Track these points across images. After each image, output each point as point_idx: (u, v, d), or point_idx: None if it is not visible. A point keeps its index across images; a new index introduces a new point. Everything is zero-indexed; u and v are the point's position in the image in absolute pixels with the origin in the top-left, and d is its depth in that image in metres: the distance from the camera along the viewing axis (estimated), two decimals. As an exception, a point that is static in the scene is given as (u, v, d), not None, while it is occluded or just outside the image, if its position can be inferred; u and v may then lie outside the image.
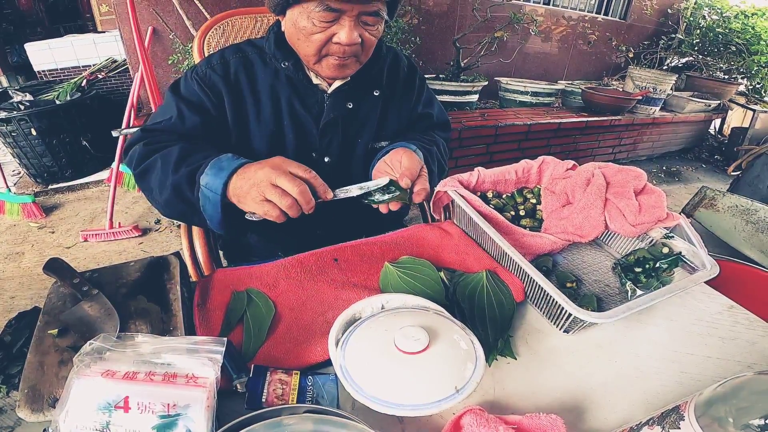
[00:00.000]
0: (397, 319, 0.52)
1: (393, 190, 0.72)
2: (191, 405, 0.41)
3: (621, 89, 3.57)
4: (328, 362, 0.55)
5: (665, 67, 4.49)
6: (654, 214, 0.76)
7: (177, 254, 0.68)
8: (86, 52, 3.40)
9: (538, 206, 0.86)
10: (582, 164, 0.87)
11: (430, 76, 3.08)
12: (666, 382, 0.58)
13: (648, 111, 3.42)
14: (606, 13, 4.26)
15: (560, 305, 0.59)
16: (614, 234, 0.83)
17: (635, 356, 0.62)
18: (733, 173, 2.63)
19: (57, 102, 2.74)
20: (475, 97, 3.06)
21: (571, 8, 4.02)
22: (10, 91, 2.82)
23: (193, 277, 0.87)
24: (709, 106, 3.87)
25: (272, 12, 0.77)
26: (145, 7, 2.51)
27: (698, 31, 4.19)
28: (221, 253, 1.04)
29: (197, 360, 0.44)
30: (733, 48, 4.04)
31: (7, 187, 2.44)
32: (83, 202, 2.70)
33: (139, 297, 0.58)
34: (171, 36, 2.61)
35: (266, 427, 0.40)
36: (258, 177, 0.62)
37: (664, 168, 3.82)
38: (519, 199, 0.88)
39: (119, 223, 2.28)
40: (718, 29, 4.08)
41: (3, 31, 4.41)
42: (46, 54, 3.36)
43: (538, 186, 0.90)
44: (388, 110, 0.93)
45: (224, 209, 0.67)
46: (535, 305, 0.69)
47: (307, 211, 0.63)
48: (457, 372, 0.46)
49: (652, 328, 0.67)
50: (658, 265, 0.72)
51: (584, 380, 0.58)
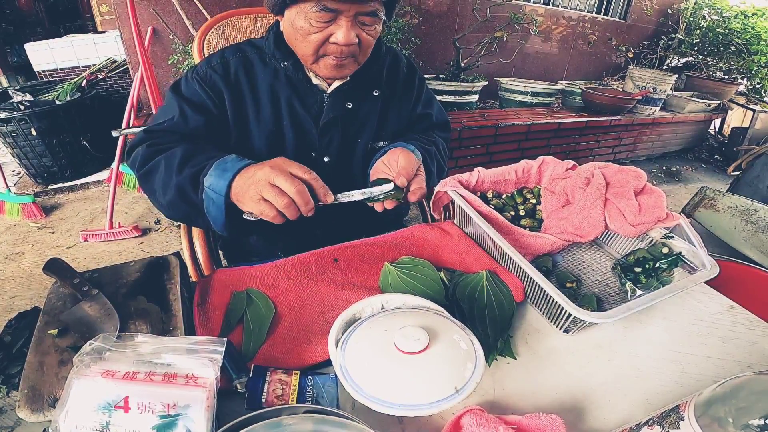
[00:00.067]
0: (397, 319, 0.52)
1: (393, 190, 0.72)
2: (191, 405, 0.41)
3: (621, 89, 3.57)
4: (328, 362, 0.55)
5: (665, 67, 4.49)
6: (654, 214, 0.76)
7: (177, 254, 0.68)
8: (86, 52, 3.40)
9: (537, 206, 0.86)
10: (582, 164, 0.87)
11: (430, 76, 3.08)
12: (666, 382, 0.58)
13: (648, 111, 3.42)
14: (606, 13, 4.26)
15: (560, 305, 0.59)
16: (614, 234, 0.83)
17: (635, 356, 0.62)
18: (733, 173, 2.62)
19: (57, 102, 2.74)
20: (475, 97, 3.06)
21: (571, 8, 4.02)
22: (10, 92, 2.82)
23: (193, 277, 0.87)
24: (709, 106, 3.87)
25: (270, 12, 0.77)
26: (145, 7, 2.51)
27: (698, 31, 4.19)
28: (221, 253, 1.04)
29: (197, 360, 0.44)
30: (733, 48, 4.04)
31: (7, 187, 2.44)
32: (83, 202, 2.70)
33: (139, 297, 0.58)
34: (171, 36, 2.61)
35: (266, 427, 0.40)
36: (257, 176, 0.62)
37: (664, 168, 3.83)
38: (519, 199, 0.88)
39: (119, 224, 2.29)
40: (718, 29, 4.09)
41: (3, 31, 4.41)
42: (46, 54, 3.36)
43: (538, 186, 0.90)
44: (388, 110, 0.93)
45: (228, 211, 0.67)
46: (535, 305, 0.69)
47: (306, 213, 0.62)
48: (457, 372, 0.46)
49: (652, 328, 0.67)
50: (657, 265, 0.72)
51: (584, 380, 0.58)
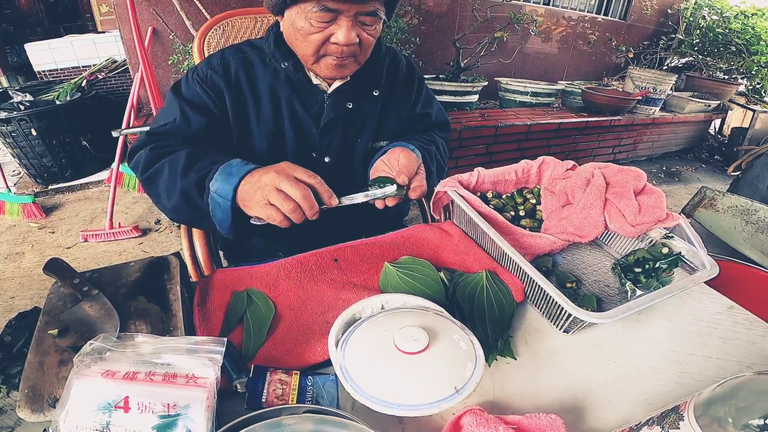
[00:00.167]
0: (397, 319, 0.52)
1: (395, 191, 0.72)
2: (191, 405, 0.41)
3: (621, 89, 3.57)
4: (328, 362, 0.55)
5: (665, 67, 4.49)
6: (654, 214, 0.76)
7: (177, 254, 0.68)
8: (86, 52, 3.40)
9: (537, 206, 0.86)
10: (582, 164, 0.87)
11: (430, 76, 3.08)
12: (665, 382, 0.58)
13: (648, 111, 3.42)
14: (606, 14, 4.26)
15: (560, 305, 0.59)
16: (614, 234, 0.83)
17: (635, 356, 0.62)
18: (733, 173, 2.62)
19: (57, 102, 2.74)
20: (475, 98, 3.06)
21: (571, 8, 4.02)
22: (10, 92, 2.82)
23: (193, 278, 0.87)
24: (709, 106, 3.87)
25: (270, 12, 0.77)
26: (145, 7, 2.51)
27: (698, 31, 4.19)
28: (221, 253, 1.04)
29: (197, 360, 0.44)
30: (733, 48, 4.04)
31: (7, 187, 2.44)
32: (83, 202, 2.70)
33: (139, 297, 0.58)
34: (171, 36, 2.61)
35: (266, 427, 0.41)
36: (263, 181, 0.63)
37: (664, 168, 3.83)
38: (519, 200, 0.88)
39: (119, 224, 2.28)
40: (718, 29, 4.09)
41: (3, 32, 4.41)
42: (46, 54, 3.36)
43: (538, 186, 0.90)
44: (388, 110, 0.93)
45: (234, 214, 0.67)
46: (535, 305, 0.69)
47: (311, 216, 0.63)
48: (457, 372, 0.46)
49: (652, 328, 0.67)
50: (657, 265, 0.72)
51: (584, 380, 0.58)
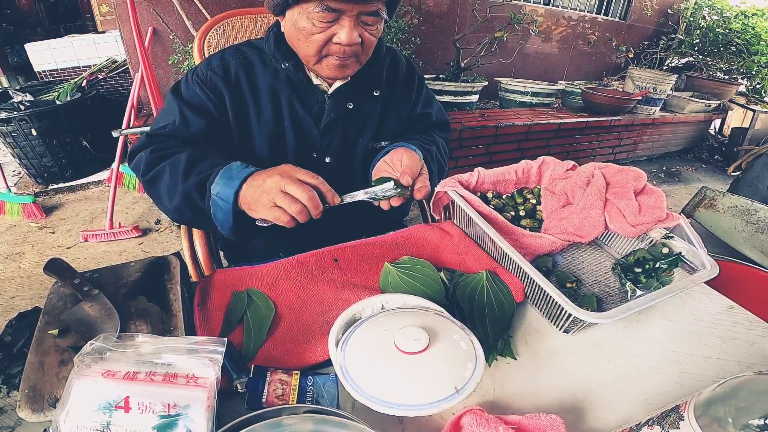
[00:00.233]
0: (397, 319, 0.52)
1: (394, 188, 0.73)
2: (191, 405, 0.41)
3: (621, 89, 3.57)
4: (328, 362, 0.55)
5: (665, 67, 4.49)
6: (654, 214, 0.76)
7: (177, 254, 0.68)
8: (86, 52, 3.40)
9: (538, 206, 0.86)
10: (582, 164, 0.87)
11: (430, 76, 3.08)
12: (665, 382, 0.58)
13: (648, 111, 3.42)
14: (606, 14, 4.26)
15: (560, 305, 0.59)
16: (614, 234, 0.83)
17: (635, 356, 0.62)
18: (733, 173, 2.63)
19: (57, 102, 2.74)
20: (475, 98, 3.06)
21: (571, 8, 4.02)
22: (10, 92, 2.82)
23: (194, 278, 0.87)
24: (709, 106, 3.87)
25: (272, 13, 0.77)
26: (145, 8, 2.51)
27: (698, 31, 4.19)
28: (222, 253, 1.04)
29: (197, 360, 0.44)
30: (733, 48, 4.04)
31: (8, 187, 2.44)
32: (83, 202, 2.70)
33: (139, 297, 0.58)
34: (171, 36, 2.61)
35: (266, 427, 0.41)
36: (267, 185, 0.64)
37: (664, 168, 3.82)
38: (519, 200, 0.88)
39: (119, 224, 2.29)
40: (718, 29, 4.09)
41: (3, 32, 4.41)
42: (46, 54, 3.36)
43: (538, 186, 0.90)
44: (388, 110, 0.93)
45: (235, 216, 0.68)
46: (535, 305, 0.69)
47: (316, 216, 0.65)
48: (457, 372, 0.46)
49: (652, 328, 0.67)
50: (658, 265, 0.72)
51: (584, 380, 0.58)
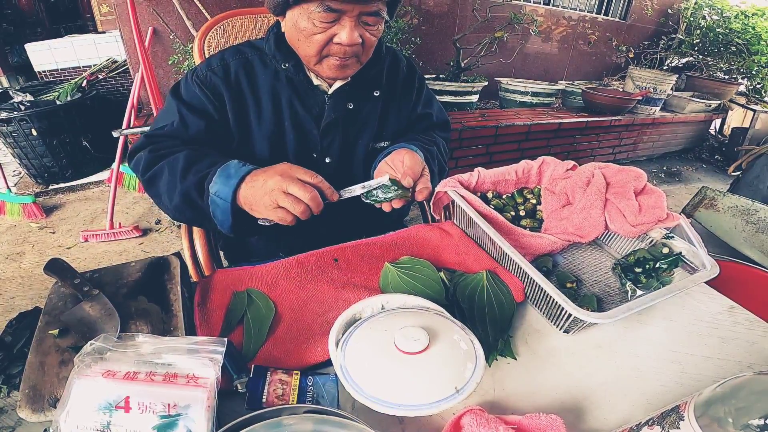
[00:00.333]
0: (397, 319, 0.52)
1: (395, 188, 0.73)
2: (192, 405, 0.41)
3: (621, 89, 3.57)
4: (329, 362, 0.55)
5: (665, 67, 4.49)
6: (654, 214, 0.76)
7: (177, 254, 0.68)
8: (86, 52, 3.40)
9: (538, 206, 0.86)
10: (582, 164, 0.87)
11: (430, 76, 3.08)
12: (666, 382, 0.58)
13: (648, 111, 3.42)
14: (606, 14, 4.26)
15: (560, 305, 0.59)
16: (614, 234, 0.83)
17: (635, 356, 0.62)
18: (733, 173, 2.62)
19: (57, 102, 2.74)
20: (475, 98, 3.06)
21: (571, 8, 4.01)
22: (10, 92, 2.82)
23: (194, 278, 0.87)
24: (710, 106, 3.87)
25: (272, 13, 0.77)
26: (145, 8, 2.51)
27: (698, 31, 4.19)
28: (222, 253, 1.04)
29: (198, 360, 0.44)
30: (734, 48, 4.04)
31: (8, 187, 2.44)
32: (84, 202, 2.70)
33: (139, 297, 0.58)
34: (171, 36, 2.61)
35: (266, 427, 0.41)
36: (269, 186, 0.64)
37: (665, 168, 3.82)
38: (519, 200, 0.88)
39: (119, 224, 2.28)
40: (718, 29, 4.08)
41: (3, 32, 4.41)
42: (46, 54, 3.36)
43: (538, 186, 0.90)
44: (389, 110, 0.93)
45: (234, 214, 0.69)
46: (535, 305, 0.69)
47: (317, 213, 0.66)
48: (457, 372, 0.46)
49: (652, 328, 0.67)
50: (658, 265, 0.72)
51: (584, 380, 0.58)
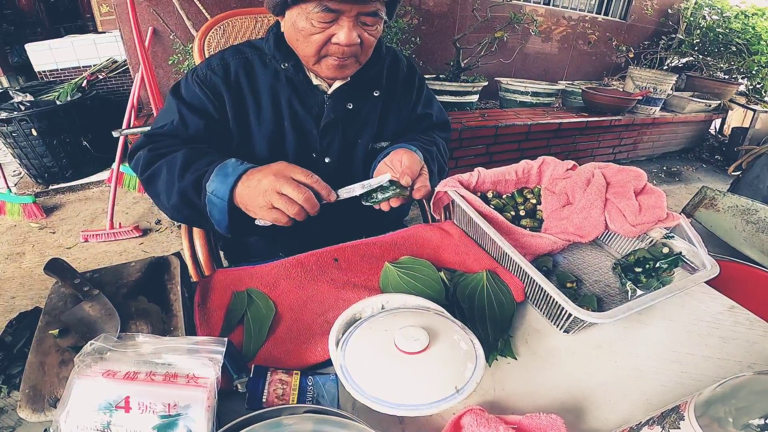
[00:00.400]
0: (397, 319, 0.52)
1: (393, 188, 0.73)
2: (192, 405, 0.41)
3: (621, 89, 3.57)
4: (329, 362, 0.55)
5: (665, 67, 4.49)
6: (654, 214, 0.76)
7: (178, 254, 0.68)
8: (87, 52, 3.40)
9: (538, 206, 0.86)
10: (582, 164, 0.87)
11: (430, 76, 3.08)
12: (666, 382, 0.58)
13: (648, 111, 3.41)
14: (606, 13, 4.26)
15: (560, 305, 0.59)
16: (614, 234, 0.83)
17: (635, 356, 0.62)
18: (733, 173, 2.62)
19: (57, 102, 2.74)
20: (475, 98, 3.06)
21: (571, 8, 4.02)
22: (10, 92, 2.82)
23: (194, 278, 0.87)
24: (710, 106, 3.87)
25: (271, 13, 0.77)
26: (145, 8, 2.51)
27: (698, 31, 4.19)
28: (222, 253, 1.04)
29: (198, 360, 0.44)
30: (734, 48, 4.04)
31: (8, 187, 2.45)
32: (84, 202, 2.70)
33: (139, 297, 0.58)
34: (171, 36, 2.61)
35: (266, 427, 0.41)
36: (263, 186, 0.64)
37: (665, 168, 3.82)
38: (519, 200, 0.88)
39: (120, 224, 2.29)
40: (718, 29, 4.08)
41: (3, 32, 4.41)
42: (46, 54, 3.36)
43: (538, 186, 0.90)
44: (388, 110, 0.93)
45: (231, 214, 0.68)
46: (535, 305, 0.69)
47: (313, 214, 0.66)
48: (457, 372, 0.46)
49: (652, 328, 0.67)
50: (658, 265, 0.72)
51: (584, 380, 0.58)
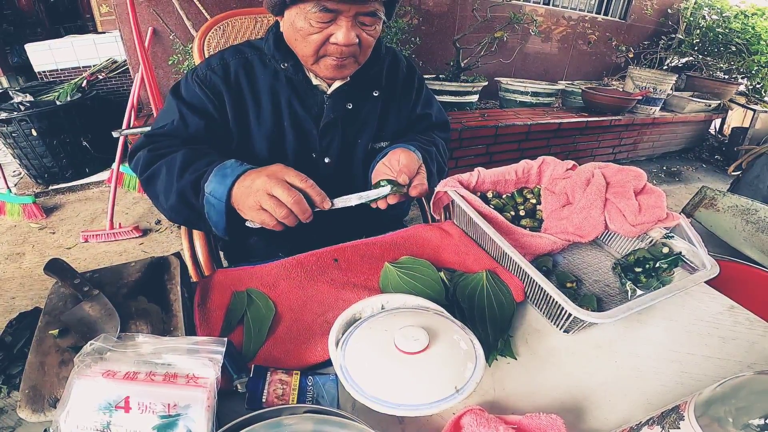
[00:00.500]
0: (397, 319, 0.52)
1: (390, 186, 0.72)
2: (192, 405, 0.41)
3: (621, 89, 3.57)
4: (329, 362, 0.55)
5: (665, 67, 4.49)
6: (654, 214, 0.76)
7: (177, 255, 0.68)
8: (86, 52, 3.40)
9: (538, 206, 0.86)
10: (582, 164, 0.87)
11: (430, 76, 3.08)
12: (666, 382, 0.58)
13: (648, 111, 3.42)
14: (606, 13, 4.26)
15: (560, 305, 0.59)
16: (614, 234, 0.83)
17: (635, 356, 0.62)
18: (733, 173, 2.62)
19: (57, 102, 2.74)
20: (475, 98, 3.06)
21: (571, 8, 4.02)
22: (10, 92, 2.82)
23: (194, 278, 0.86)
24: (709, 106, 3.87)
25: (270, 13, 0.77)
26: (145, 8, 2.51)
27: (698, 31, 4.19)
28: (222, 253, 1.04)
29: (198, 360, 0.44)
30: (733, 48, 4.04)
31: (8, 187, 2.45)
32: (84, 202, 2.70)
33: (139, 297, 0.58)
34: (171, 36, 2.61)
35: (266, 427, 0.41)
36: (255, 186, 0.63)
37: (665, 168, 3.82)
38: (519, 199, 0.88)
39: (120, 224, 2.29)
40: (718, 29, 4.08)
41: (3, 32, 4.41)
42: (46, 54, 3.36)
43: (538, 186, 0.90)
44: (388, 110, 0.93)
45: (229, 215, 0.67)
46: (535, 305, 0.69)
47: (304, 220, 0.64)
48: (457, 372, 0.46)
49: (652, 328, 0.67)
50: (658, 265, 0.72)
51: (584, 380, 0.58)
